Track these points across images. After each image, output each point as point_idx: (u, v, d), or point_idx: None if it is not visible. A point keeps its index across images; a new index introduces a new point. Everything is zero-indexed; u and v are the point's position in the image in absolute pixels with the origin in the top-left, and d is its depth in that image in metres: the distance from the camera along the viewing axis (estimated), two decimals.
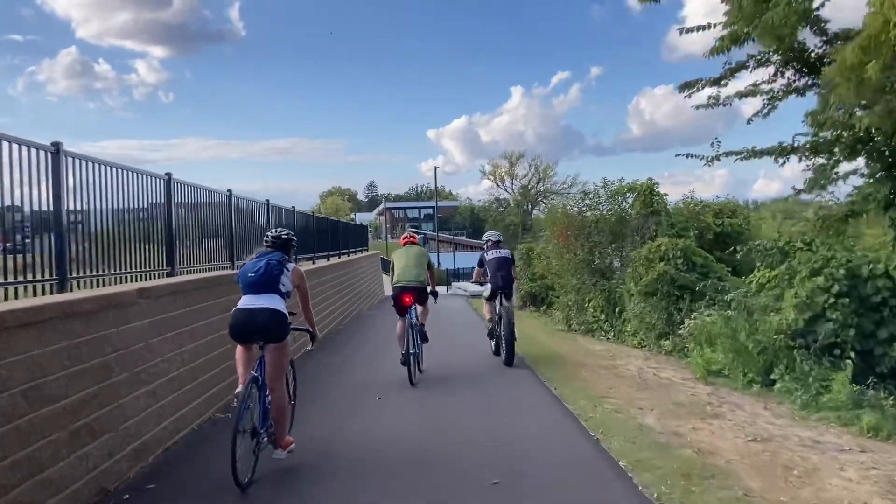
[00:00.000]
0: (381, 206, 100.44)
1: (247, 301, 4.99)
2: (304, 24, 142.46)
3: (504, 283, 9.66)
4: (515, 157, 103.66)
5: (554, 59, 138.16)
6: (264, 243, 5.37)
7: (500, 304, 9.60)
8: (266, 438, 5.01)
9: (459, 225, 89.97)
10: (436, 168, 51.19)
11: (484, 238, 10.59)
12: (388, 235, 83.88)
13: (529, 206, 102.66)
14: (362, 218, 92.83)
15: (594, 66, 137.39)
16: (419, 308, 8.69)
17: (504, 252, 10.01)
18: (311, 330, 5.55)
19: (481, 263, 10.06)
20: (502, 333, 9.44)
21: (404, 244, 9.10)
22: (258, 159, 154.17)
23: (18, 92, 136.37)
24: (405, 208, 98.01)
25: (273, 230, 5.48)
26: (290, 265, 5.24)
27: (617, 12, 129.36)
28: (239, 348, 5.08)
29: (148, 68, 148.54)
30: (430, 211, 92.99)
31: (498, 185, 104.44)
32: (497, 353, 9.81)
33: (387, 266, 37.60)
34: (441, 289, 21.54)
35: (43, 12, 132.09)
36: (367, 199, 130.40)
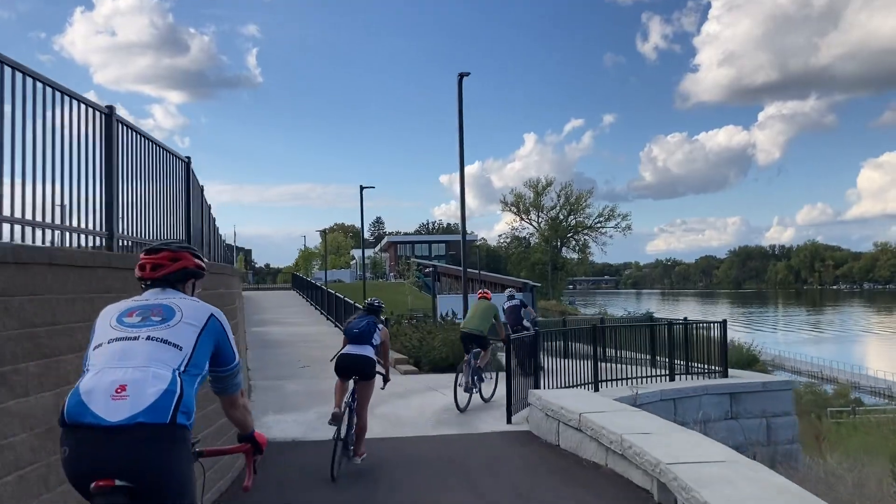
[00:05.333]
0: (384, 241, 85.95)
1: (349, 349, 6.68)
2: (320, 71, 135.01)
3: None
4: (542, 185, 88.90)
5: (567, 106, 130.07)
6: (364, 308, 7.21)
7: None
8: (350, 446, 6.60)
9: (474, 263, 75.49)
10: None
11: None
12: (391, 274, 68.68)
13: (559, 243, 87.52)
14: (360, 254, 78.48)
15: (607, 114, 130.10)
16: (480, 352, 10.21)
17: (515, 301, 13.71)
18: (385, 374, 7.01)
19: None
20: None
21: (479, 298, 10.81)
22: (273, 203, 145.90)
23: None
24: (412, 242, 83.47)
25: (368, 299, 7.35)
26: (381, 326, 6.95)
27: (630, 61, 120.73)
28: (338, 381, 6.74)
29: (165, 113, 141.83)
30: (440, 248, 79.19)
31: (522, 217, 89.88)
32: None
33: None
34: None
35: (62, 58, 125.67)
36: (372, 237, 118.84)
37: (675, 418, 10.34)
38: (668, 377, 11.38)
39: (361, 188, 30.14)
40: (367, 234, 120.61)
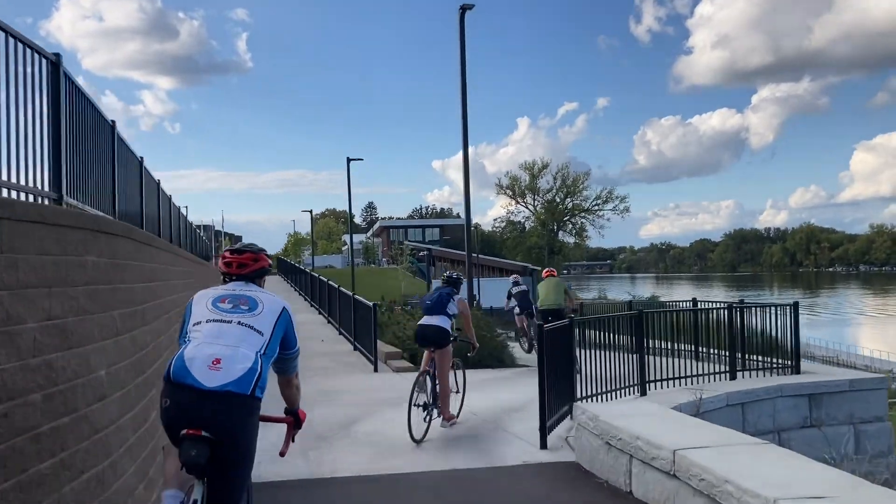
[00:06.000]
0: (377, 226, 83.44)
1: (423, 320, 7.14)
2: (310, 56, 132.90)
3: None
4: (538, 167, 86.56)
5: (561, 89, 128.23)
6: (441, 280, 7.63)
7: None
8: (435, 412, 6.86)
9: (472, 248, 72.98)
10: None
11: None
12: (384, 259, 66.55)
13: (555, 227, 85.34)
14: (354, 239, 76.31)
15: (601, 97, 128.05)
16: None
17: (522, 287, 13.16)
18: (472, 341, 7.63)
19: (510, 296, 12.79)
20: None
21: (546, 276, 11.86)
22: (264, 190, 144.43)
23: None
24: (405, 227, 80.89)
25: (447, 273, 8.05)
26: (457, 296, 7.30)
27: (624, 43, 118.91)
28: (426, 352, 7.13)
29: (154, 99, 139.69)
30: (434, 233, 76.83)
31: (517, 201, 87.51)
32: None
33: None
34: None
35: (48, 43, 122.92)
36: (365, 223, 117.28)
37: (744, 428, 8.10)
38: (727, 375, 9.07)
39: (348, 160, 27.61)
40: (359, 220, 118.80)
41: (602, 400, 7.60)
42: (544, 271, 12.18)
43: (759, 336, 9.52)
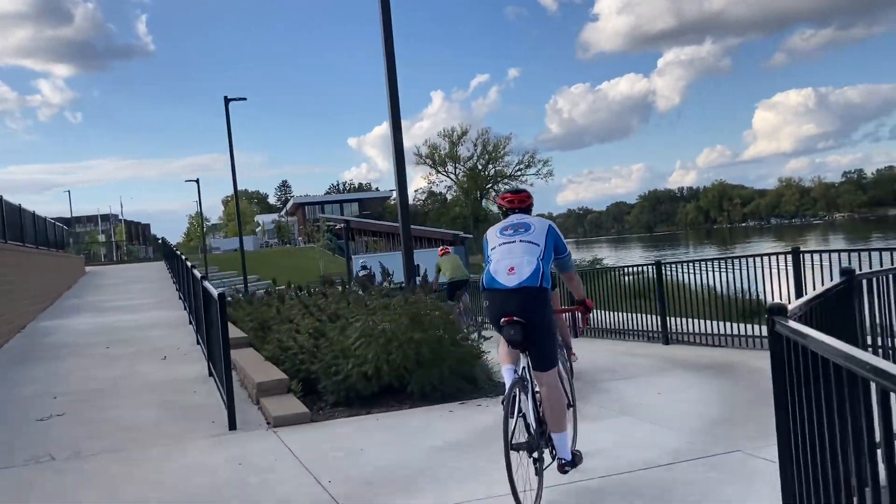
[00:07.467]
0: (291, 204, 77.07)
1: None
2: (214, 35, 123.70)
3: None
4: (458, 134, 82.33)
5: (473, 61, 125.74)
6: None
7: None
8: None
9: (391, 221, 68.10)
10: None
11: None
12: (299, 239, 60.78)
13: (479, 195, 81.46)
14: (266, 219, 70.25)
15: (512, 68, 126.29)
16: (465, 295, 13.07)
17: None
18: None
19: None
20: None
21: (443, 254, 12.96)
22: (177, 178, 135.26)
23: None
24: (322, 203, 74.81)
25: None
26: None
27: (531, 12, 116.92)
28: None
29: (52, 88, 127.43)
30: (353, 208, 71.47)
31: (437, 170, 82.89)
32: None
33: None
34: None
35: None
36: (279, 202, 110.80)
37: None
38: None
39: (226, 99, 21.43)
40: (273, 200, 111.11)
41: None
42: (440, 249, 13.22)
43: None
